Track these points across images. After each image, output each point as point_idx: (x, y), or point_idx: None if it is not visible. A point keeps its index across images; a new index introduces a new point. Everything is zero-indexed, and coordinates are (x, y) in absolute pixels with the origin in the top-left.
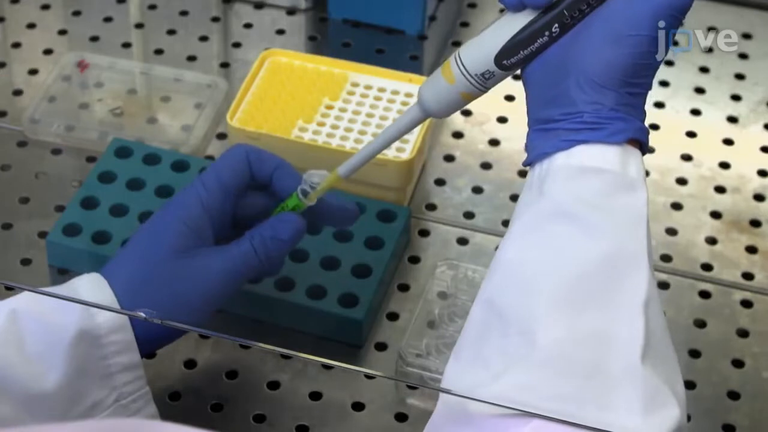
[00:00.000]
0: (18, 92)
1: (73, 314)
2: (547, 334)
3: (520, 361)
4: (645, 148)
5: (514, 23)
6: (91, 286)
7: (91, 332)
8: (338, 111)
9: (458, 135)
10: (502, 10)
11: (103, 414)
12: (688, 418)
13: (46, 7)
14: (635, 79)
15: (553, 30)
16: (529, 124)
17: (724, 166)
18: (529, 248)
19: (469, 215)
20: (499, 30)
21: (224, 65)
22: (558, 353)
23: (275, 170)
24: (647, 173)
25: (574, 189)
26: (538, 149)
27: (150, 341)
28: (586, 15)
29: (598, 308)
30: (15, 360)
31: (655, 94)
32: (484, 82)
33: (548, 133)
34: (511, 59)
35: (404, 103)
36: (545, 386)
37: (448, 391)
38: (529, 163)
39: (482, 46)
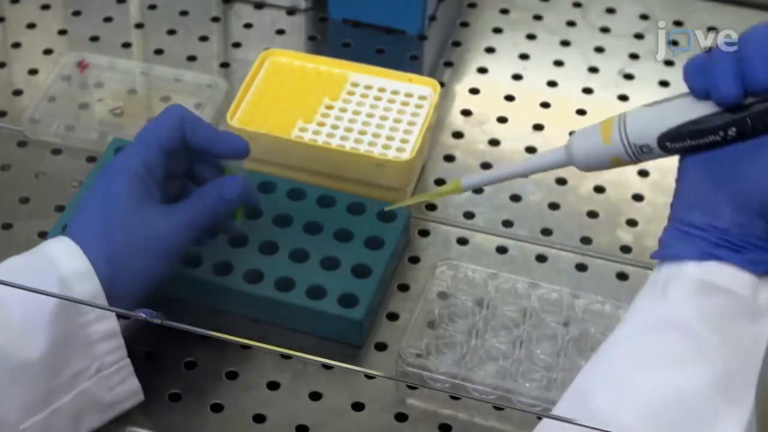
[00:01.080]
0: (18, 92)
1: (53, 285)
2: None
3: None
4: None
5: (691, 108)
6: (68, 256)
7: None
8: (338, 111)
9: (458, 135)
10: (661, 96)
11: (86, 384)
12: None
13: (46, 7)
14: None
15: (729, 133)
16: (671, 217)
17: None
18: (637, 351)
19: (469, 215)
20: (673, 109)
21: (224, 65)
22: None
23: (211, 136)
24: (647, 173)
25: (698, 304)
26: (672, 250)
27: (121, 298)
28: None
29: None
30: (6, 325)
31: (655, 94)
32: (639, 154)
33: (687, 237)
34: (675, 144)
35: (404, 103)
36: None
37: (447, 391)
38: (659, 258)
39: (650, 119)
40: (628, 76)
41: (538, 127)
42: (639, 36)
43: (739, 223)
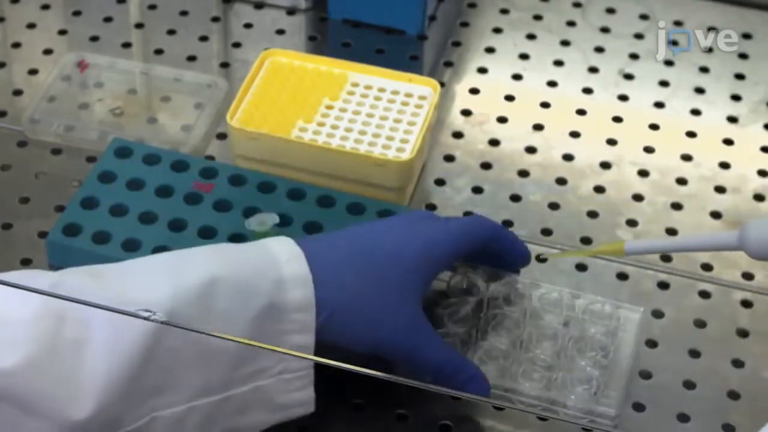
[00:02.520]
0: (18, 92)
1: (267, 284)
2: None
3: None
4: None
5: None
6: (297, 283)
7: (279, 306)
8: (338, 111)
9: (458, 135)
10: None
11: (264, 382)
12: (688, 418)
13: (46, 7)
14: None
15: None
16: None
17: (724, 166)
18: None
19: (468, 215)
20: None
21: (224, 65)
22: None
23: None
24: (647, 173)
25: None
26: None
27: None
28: None
29: None
30: (206, 317)
31: (655, 94)
32: None
33: None
34: None
35: (404, 103)
36: None
37: (446, 391)
38: None
39: None
40: (628, 76)
41: (538, 127)
42: (639, 36)
43: None
